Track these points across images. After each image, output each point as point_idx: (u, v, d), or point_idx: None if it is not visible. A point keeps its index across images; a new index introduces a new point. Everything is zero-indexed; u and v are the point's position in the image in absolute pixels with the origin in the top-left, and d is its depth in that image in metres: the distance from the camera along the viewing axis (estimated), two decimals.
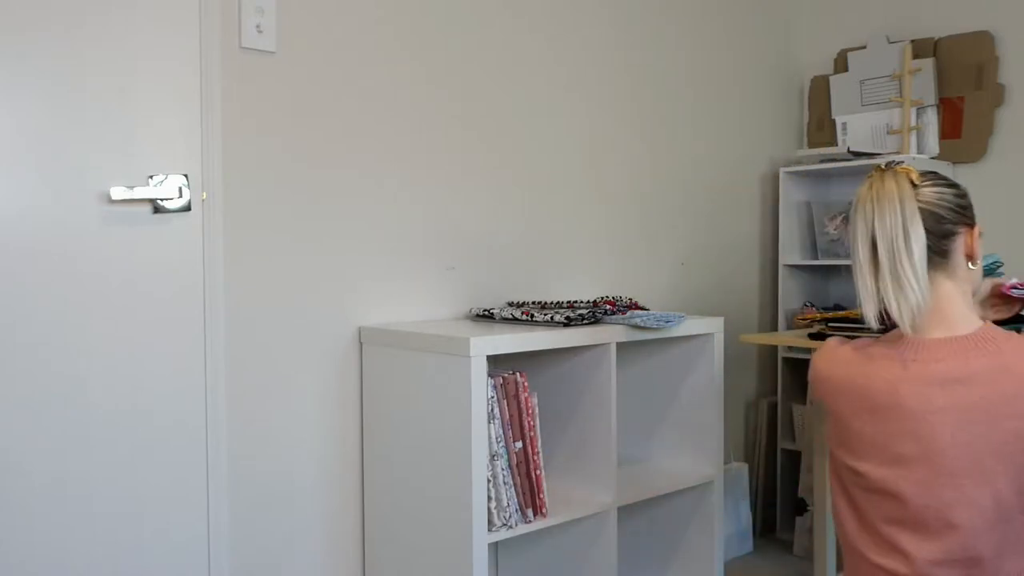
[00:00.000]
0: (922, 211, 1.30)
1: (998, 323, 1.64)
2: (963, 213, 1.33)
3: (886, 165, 1.36)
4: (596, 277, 2.48)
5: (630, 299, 2.20)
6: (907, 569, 1.28)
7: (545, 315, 1.92)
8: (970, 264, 1.34)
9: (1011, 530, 1.27)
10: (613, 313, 1.99)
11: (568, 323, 1.89)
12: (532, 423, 1.79)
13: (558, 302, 2.12)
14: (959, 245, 1.33)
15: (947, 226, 1.31)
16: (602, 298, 2.19)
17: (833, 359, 1.38)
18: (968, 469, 1.25)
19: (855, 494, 1.36)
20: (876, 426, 1.30)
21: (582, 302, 2.10)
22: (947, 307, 1.31)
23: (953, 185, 1.35)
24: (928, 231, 1.29)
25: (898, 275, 1.27)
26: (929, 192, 1.31)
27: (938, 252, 1.31)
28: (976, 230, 1.35)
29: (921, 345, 1.30)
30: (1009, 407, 1.23)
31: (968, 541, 1.25)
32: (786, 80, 3.16)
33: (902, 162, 1.37)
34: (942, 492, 1.26)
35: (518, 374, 1.78)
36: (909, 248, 1.27)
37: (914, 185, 1.31)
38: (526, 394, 1.78)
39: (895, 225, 1.29)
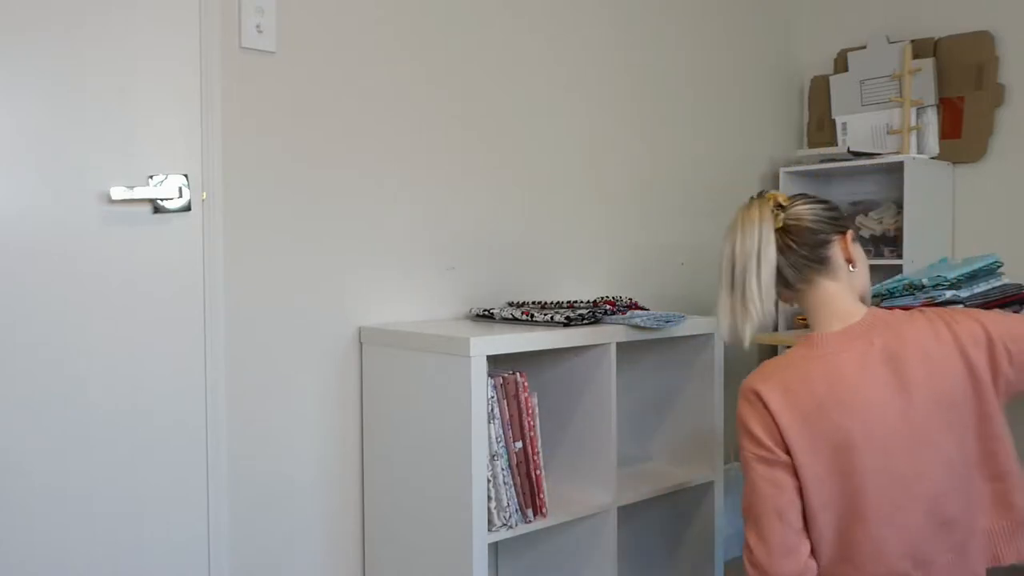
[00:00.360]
0: (794, 227, 1.42)
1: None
2: (834, 223, 1.45)
3: (758, 195, 1.48)
4: (596, 277, 2.48)
5: (630, 299, 2.20)
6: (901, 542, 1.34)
7: (545, 315, 1.92)
8: (850, 267, 1.45)
9: (973, 489, 1.37)
10: (613, 313, 1.99)
11: (568, 323, 1.89)
12: (532, 423, 1.79)
13: (558, 302, 2.12)
14: (836, 251, 1.44)
15: (820, 236, 1.43)
16: (602, 298, 2.19)
17: (763, 375, 1.43)
18: (913, 438, 1.34)
19: (815, 516, 1.37)
20: (824, 425, 1.35)
21: (582, 302, 2.10)
22: (836, 304, 1.44)
23: (822, 201, 1.48)
24: (803, 244, 1.42)
25: (745, 296, 1.41)
26: (799, 209, 1.44)
27: (817, 260, 1.43)
28: (849, 235, 1.46)
29: (829, 339, 1.41)
30: (917, 371, 1.36)
31: (937, 507, 1.34)
32: (786, 80, 3.16)
33: (767, 191, 1.49)
34: (899, 466, 1.34)
35: (518, 374, 1.78)
36: (759, 272, 1.41)
37: (781, 207, 1.44)
38: (526, 394, 1.78)
39: (751, 250, 1.42)
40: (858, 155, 2.79)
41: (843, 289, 1.45)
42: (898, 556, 1.33)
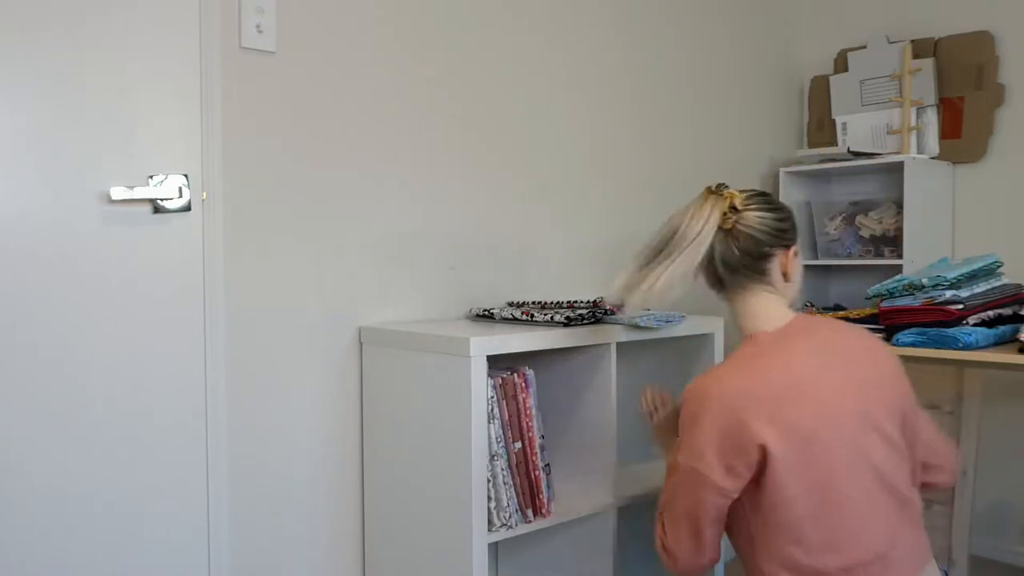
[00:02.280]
0: (741, 233, 1.44)
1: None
2: (780, 236, 1.47)
3: (716, 187, 1.49)
4: (596, 277, 2.48)
5: None
6: (871, 542, 1.35)
7: (545, 315, 1.92)
8: (785, 279, 1.49)
9: (909, 464, 1.42)
10: (613, 313, 1.99)
11: (568, 323, 1.89)
12: (530, 423, 1.79)
13: (558, 302, 2.12)
14: (775, 264, 1.47)
15: (764, 248, 1.45)
16: (602, 298, 2.19)
17: (716, 376, 1.41)
18: (866, 421, 1.37)
19: (775, 510, 1.35)
20: (790, 415, 1.34)
21: (582, 302, 2.10)
22: (769, 309, 1.47)
23: (777, 208, 1.49)
24: (746, 252, 1.45)
25: (651, 269, 1.45)
26: (751, 216, 1.45)
27: (755, 271, 1.46)
28: (792, 251, 1.49)
29: (769, 337, 1.44)
30: (858, 355, 1.42)
31: (892, 481, 1.38)
32: (786, 80, 3.16)
33: (727, 186, 1.49)
34: (861, 450, 1.35)
35: (516, 374, 1.78)
36: (678, 260, 1.44)
37: (736, 209, 1.45)
38: (525, 394, 1.78)
39: (685, 241, 1.44)
40: (858, 155, 2.79)
41: (776, 297, 1.48)
42: (877, 535, 1.34)
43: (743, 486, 1.36)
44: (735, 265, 1.46)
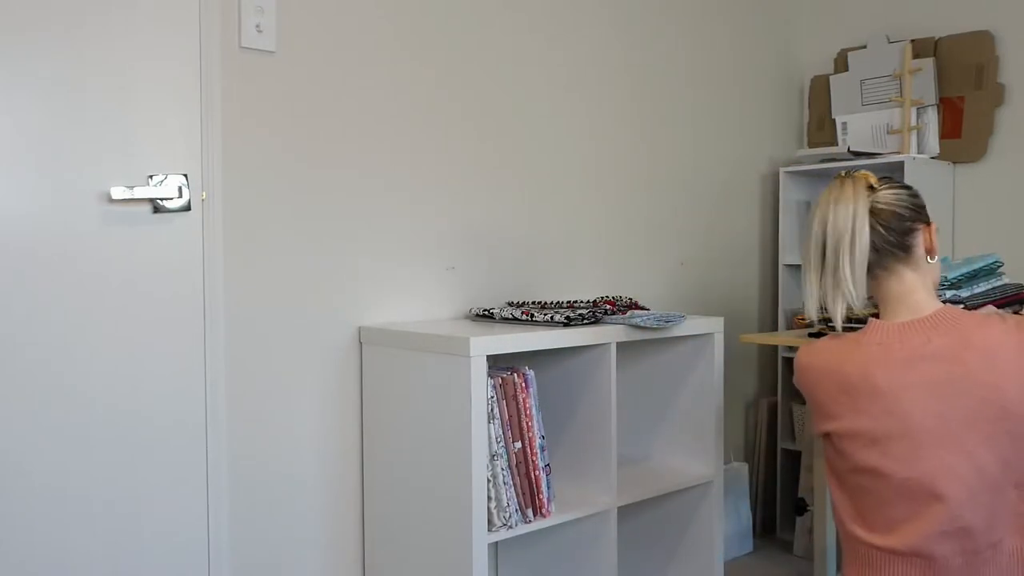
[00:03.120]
0: (883, 211, 1.41)
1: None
2: (919, 212, 1.45)
3: (846, 173, 1.47)
4: (596, 277, 2.48)
5: (630, 299, 2.20)
6: (902, 544, 1.34)
7: (545, 315, 1.92)
8: (929, 258, 1.45)
9: (1002, 503, 1.33)
10: (613, 313, 1.99)
11: (568, 323, 1.89)
12: (530, 423, 1.79)
13: (558, 302, 2.12)
14: (919, 240, 1.44)
15: (907, 223, 1.42)
16: (602, 298, 2.19)
17: (812, 350, 1.47)
18: (942, 440, 1.33)
19: (846, 478, 1.43)
20: (853, 407, 1.38)
21: (582, 302, 2.10)
22: (910, 295, 1.43)
23: (908, 187, 1.47)
24: (891, 229, 1.41)
25: (837, 274, 1.40)
26: (888, 194, 1.43)
27: (901, 247, 1.42)
28: (933, 227, 1.46)
29: (888, 329, 1.41)
30: (973, 378, 1.33)
31: (955, 511, 1.31)
32: (786, 80, 3.16)
33: (857, 172, 1.48)
34: (922, 464, 1.33)
35: (516, 374, 1.78)
36: (852, 251, 1.39)
37: (872, 188, 1.43)
38: (525, 394, 1.78)
39: (845, 229, 1.40)
40: (858, 155, 2.79)
41: (920, 280, 1.43)
42: (911, 545, 1.35)
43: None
44: (881, 245, 1.41)
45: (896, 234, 1.41)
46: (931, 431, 1.33)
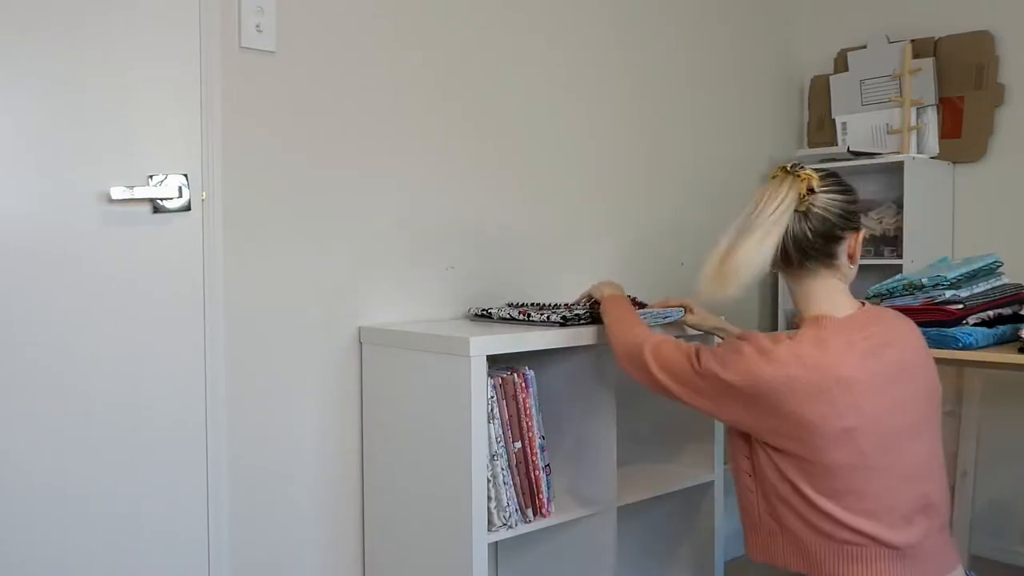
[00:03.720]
0: (815, 216, 1.43)
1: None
2: (851, 219, 1.46)
3: (791, 167, 1.47)
4: (596, 277, 2.48)
5: (632, 297, 2.19)
6: (884, 530, 1.36)
7: (542, 315, 1.92)
8: (851, 261, 1.49)
9: (944, 476, 1.46)
10: None
11: (564, 323, 1.89)
12: (530, 423, 1.79)
13: (555, 304, 2.12)
14: (844, 248, 1.47)
15: (836, 231, 1.45)
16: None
17: (773, 356, 1.40)
18: (903, 425, 1.39)
19: (812, 497, 1.38)
20: (830, 403, 1.35)
21: (579, 304, 2.10)
22: (834, 296, 1.47)
23: (848, 190, 1.48)
24: (818, 234, 1.43)
25: (733, 255, 1.42)
26: (824, 199, 1.44)
27: (825, 253, 1.45)
28: (861, 234, 1.49)
29: (833, 322, 1.42)
30: (919, 364, 1.44)
31: (923, 488, 1.40)
32: (786, 80, 3.16)
33: (803, 167, 1.47)
34: (892, 451, 1.38)
35: (516, 374, 1.78)
36: (760, 241, 1.41)
37: (812, 191, 1.43)
38: (525, 394, 1.78)
39: (763, 222, 1.42)
40: (858, 155, 2.79)
41: (841, 284, 1.49)
42: (891, 527, 1.37)
43: (764, 438, 1.42)
44: (807, 248, 1.44)
45: (823, 240, 1.44)
46: (893, 418, 1.38)
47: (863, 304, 1.51)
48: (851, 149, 2.83)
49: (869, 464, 1.36)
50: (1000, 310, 2.14)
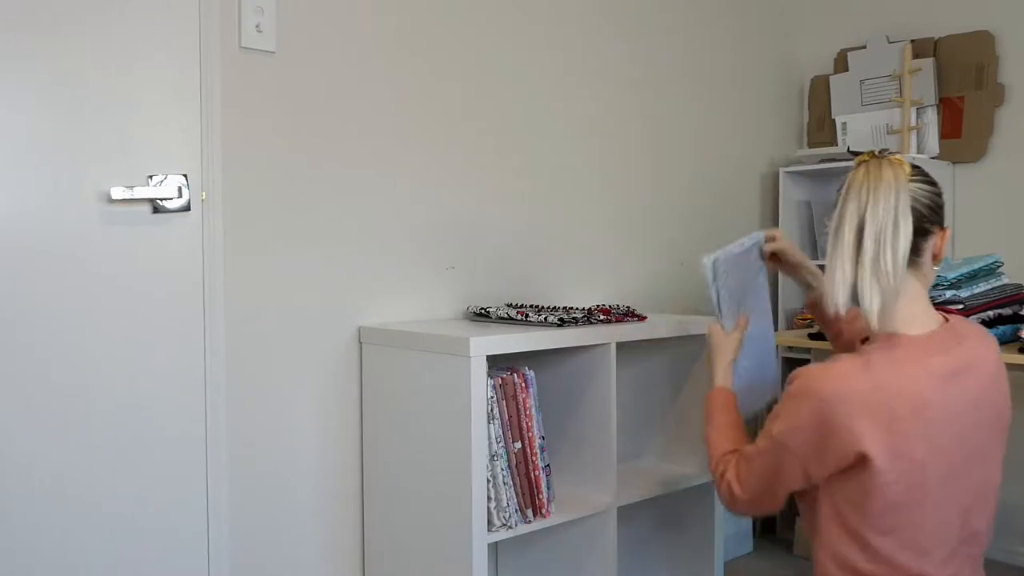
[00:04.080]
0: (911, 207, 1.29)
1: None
2: (939, 213, 1.33)
3: (879, 152, 1.35)
4: (596, 277, 2.48)
5: (627, 307, 2.20)
6: (931, 566, 1.28)
7: (540, 316, 1.93)
8: (934, 261, 1.35)
9: (994, 504, 1.37)
10: (607, 320, 1.99)
11: (561, 324, 1.89)
12: (530, 424, 1.79)
13: (553, 307, 2.12)
14: (931, 245, 1.33)
15: (926, 224, 1.31)
16: (597, 306, 2.20)
17: (834, 375, 1.27)
18: (968, 454, 1.28)
19: (871, 518, 1.28)
20: (887, 435, 1.24)
21: (577, 308, 2.10)
22: (917, 304, 1.32)
23: (934, 183, 1.35)
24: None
25: (878, 266, 1.25)
26: (916, 188, 1.31)
27: (914, 251, 1.29)
28: (947, 232, 1.36)
29: (912, 342, 1.29)
30: (992, 389, 1.31)
31: (972, 519, 1.31)
32: (786, 80, 3.16)
33: (893, 152, 1.36)
34: (952, 483, 1.27)
35: (516, 374, 1.78)
36: (895, 241, 1.26)
37: (908, 179, 1.31)
38: (525, 394, 1.78)
39: (887, 215, 1.26)
40: (858, 155, 2.79)
41: (923, 287, 1.34)
42: (917, 570, 1.29)
43: (827, 476, 1.29)
44: None
45: (914, 235, 1.28)
46: (968, 445, 1.28)
47: (946, 319, 1.36)
48: (851, 149, 2.83)
49: (930, 498, 1.25)
50: (1000, 310, 2.14)
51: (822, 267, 3.08)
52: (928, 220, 1.31)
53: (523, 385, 1.78)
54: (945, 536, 1.28)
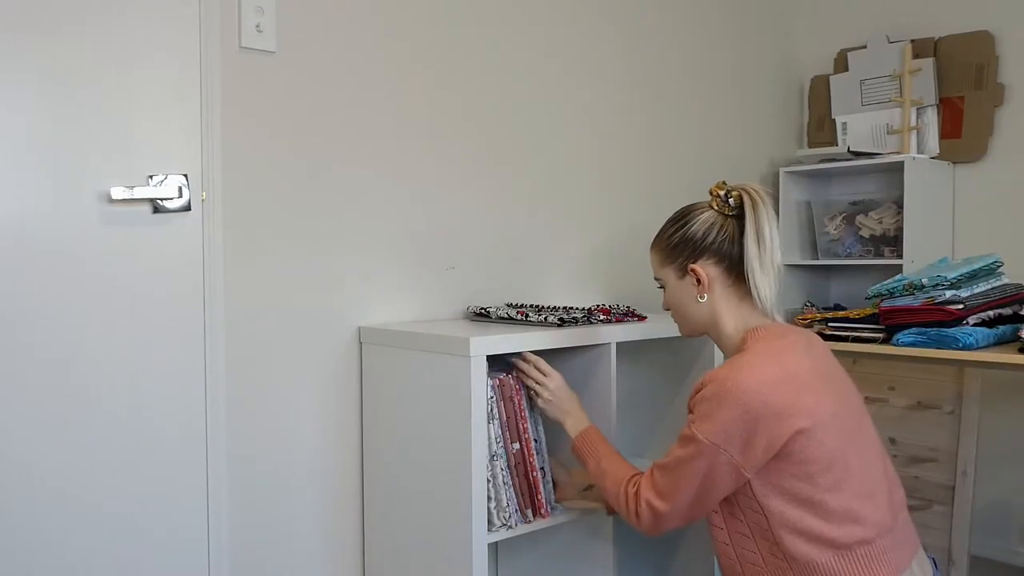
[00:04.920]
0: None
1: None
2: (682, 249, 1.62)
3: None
4: (596, 277, 2.48)
5: (627, 307, 2.20)
6: (879, 512, 1.40)
7: (540, 316, 1.93)
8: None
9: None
10: (607, 320, 1.99)
11: (561, 324, 1.89)
12: (525, 425, 1.79)
13: (553, 307, 2.12)
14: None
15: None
16: (597, 306, 2.20)
17: (749, 369, 1.39)
18: (857, 406, 1.48)
19: (807, 486, 1.38)
20: (814, 395, 1.40)
21: (577, 308, 2.10)
22: (752, 314, 1.55)
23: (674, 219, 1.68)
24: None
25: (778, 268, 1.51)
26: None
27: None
28: (695, 269, 1.57)
29: (763, 335, 1.48)
30: (831, 358, 1.52)
31: (885, 463, 1.48)
32: (786, 80, 3.16)
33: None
34: (863, 426, 1.46)
35: (512, 376, 1.77)
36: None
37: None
38: (519, 396, 1.78)
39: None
40: (858, 155, 2.79)
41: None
42: (885, 509, 1.41)
43: (760, 466, 1.38)
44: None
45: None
46: (853, 401, 1.46)
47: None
48: (851, 149, 2.83)
49: (853, 444, 1.41)
50: (1000, 310, 2.14)
51: (825, 267, 3.07)
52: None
53: (517, 387, 1.78)
54: (878, 478, 1.43)
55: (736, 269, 1.51)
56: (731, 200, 1.53)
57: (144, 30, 1.63)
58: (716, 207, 1.55)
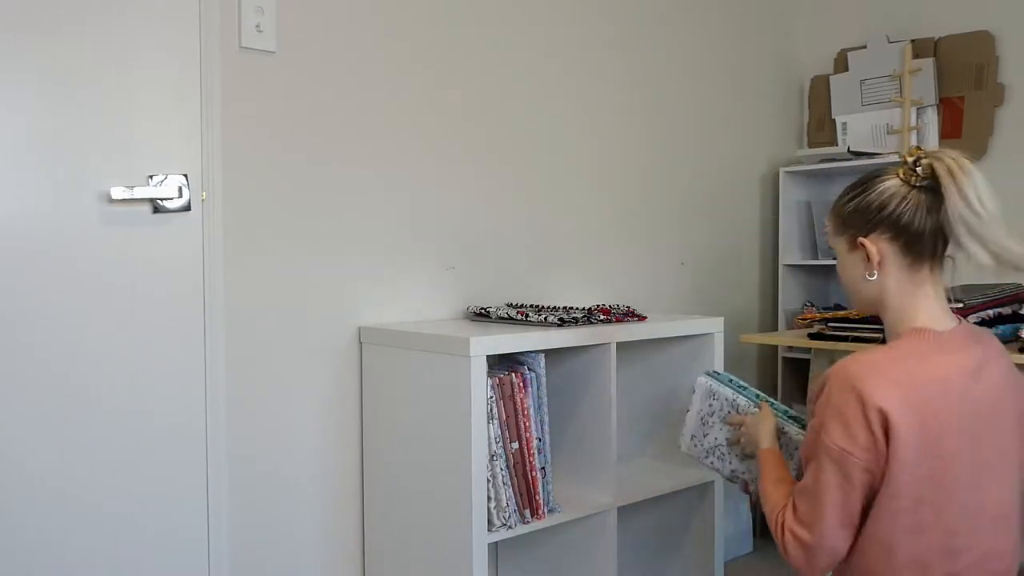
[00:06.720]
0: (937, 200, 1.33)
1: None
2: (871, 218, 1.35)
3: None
4: (596, 277, 2.48)
5: (627, 307, 2.20)
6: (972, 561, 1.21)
7: (540, 316, 1.93)
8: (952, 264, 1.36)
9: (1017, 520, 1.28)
10: (607, 320, 1.99)
11: (561, 324, 1.89)
12: (527, 424, 1.79)
13: (553, 307, 2.12)
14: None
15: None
16: (597, 306, 2.20)
17: (875, 368, 1.21)
18: (1002, 456, 1.25)
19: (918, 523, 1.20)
20: (956, 429, 1.19)
21: (577, 308, 2.10)
22: (938, 303, 1.31)
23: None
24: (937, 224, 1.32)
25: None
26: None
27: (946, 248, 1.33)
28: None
29: (937, 338, 1.27)
30: (1011, 391, 1.27)
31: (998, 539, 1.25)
32: (786, 80, 3.16)
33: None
34: (991, 484, 1.23)
35: (513, 375, 1.78)
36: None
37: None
38: (522, 395, 1.78)
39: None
40: (858, 155, 2.79)
41: (941, 290, 1.36)
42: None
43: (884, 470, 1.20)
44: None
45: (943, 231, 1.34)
46: (993, 448, 1.24)
47: (959, 320, 1.33)
48: (851, 149, 2.83)
49: (957, 496, 1.21)
50: (1000, 310, 2.14)
51: (825, 267, 3.07)
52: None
53: (520, 385, 1.78)
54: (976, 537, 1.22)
55: (915, 249, 1.29)
56: (919, 169, 1.30)
57: (144, 30, 1.63)
58: (902, 176, 1.31)
